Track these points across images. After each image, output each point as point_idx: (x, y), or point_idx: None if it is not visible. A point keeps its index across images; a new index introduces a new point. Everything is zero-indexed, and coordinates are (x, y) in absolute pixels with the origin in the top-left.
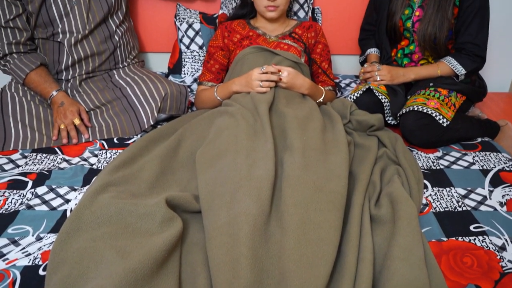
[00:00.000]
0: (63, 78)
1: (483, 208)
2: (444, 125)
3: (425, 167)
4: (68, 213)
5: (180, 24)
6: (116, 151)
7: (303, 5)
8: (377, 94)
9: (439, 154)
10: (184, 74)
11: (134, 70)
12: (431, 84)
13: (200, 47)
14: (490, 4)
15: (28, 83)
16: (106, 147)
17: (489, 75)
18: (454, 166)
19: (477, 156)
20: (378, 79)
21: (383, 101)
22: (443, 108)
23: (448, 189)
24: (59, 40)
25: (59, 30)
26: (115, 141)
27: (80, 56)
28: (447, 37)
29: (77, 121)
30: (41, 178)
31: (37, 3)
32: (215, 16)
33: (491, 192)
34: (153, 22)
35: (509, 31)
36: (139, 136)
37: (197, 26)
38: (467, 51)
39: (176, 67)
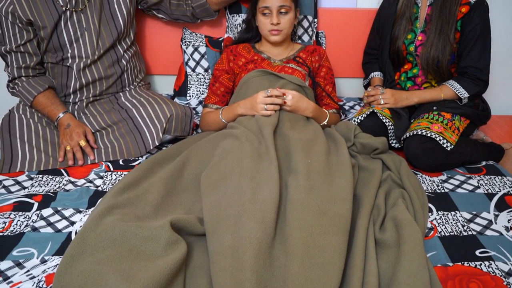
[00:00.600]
0: (70, 101)
1: (488, 232)
2: (448, 149)
3: (430, 191)
4: (73, 236)
5: (186, 47)
6: (121, 173)
7: (307, 29)
8: (381, 118)
9: (443, 177)
10: (190, 96)
11: (140, 92)
12: (434, 108)
13: (206, 70)
14: (492, 28)
15: (36, 105)
16: (112, 169)
17: (492, 98)
18: (459, 190)
19: (482, 179)
20: (382, 102)
21: (387, 124)
22: (447, 132)
23: (453, 213)
24: (68, 64)
25: (69, 55)
26: (121, 163)
27: (88, 80)
28: (449, 61)
29: (83, 143)
30: (46, 200)
31: (49, 29)
32: (220, 39)
33: (496, 216)
34: (159, 45)
35: None
36: (144, 158)
37: (202, 49)
38: (470, 75)
39: (181, 90)
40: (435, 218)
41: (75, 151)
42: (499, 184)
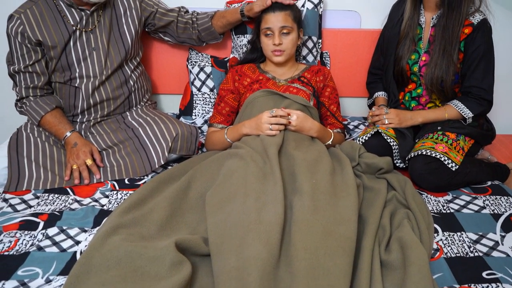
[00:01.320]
0: (78, 120)
1: (495, 254)
2: (453, 169)
3: (435, 211)
4: (78, 255)
5: (192, 67)
6: (126, 192)
7: (312, 49)
8: (385, 137)
9: (449, 197)
10: (195, 115)
11: (146, 111)
12: (439, 128)
13: (211, 90)
14: (495, 48)
15: (43, 125)
16: (117, 188)
17: (497, 117)
18: (465, 210)
19: (488, 200)
20: (386, 122)
21: (391, 144)
22: (452, 152)
23: (459, 233)
24: (76, 85)
25: (77, 74)
26: (126, 182)
27: (96, 101)
28: (453, 81)
29: (89, 162)
30: (52, 219)
31: (59, 48)
32: (226, 60)
33: (503, 237)
34: (166, 65)
35: None
36: (149, 177)
37: (208, 69)
38: (474, 95)
39: (187, 109)
40: (441, 239)
41: (81, 170)
42: (505, 205)
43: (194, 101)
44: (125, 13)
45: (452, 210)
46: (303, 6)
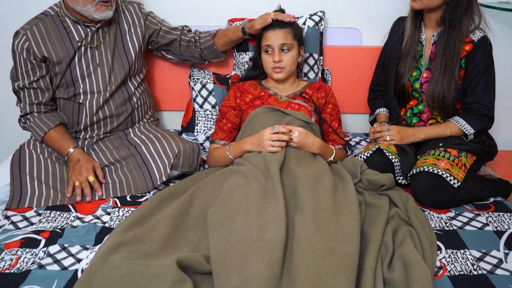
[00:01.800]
0: (81, 137)
1: (499, 272)
2: (455, 186)
3: (438, 228)
4: (79, 273)
5: (194, 84)
6: (128, 209)
7: (313, 66)
8: (387, 154)
9: (451, 214)
10: (197, 132)
11: (148, 128)
12: (440, 145)
13: (213, 106)
14: (496, 64)
15: (47, 141)
16: (119, 205)
17: (499, 133)
18: (468, 227)
19: (491, 216)
20: (388, 139)
21: (393, 161)
22: (454, 169)
23: (462, 251)
24: (80, 101)
25: (81, 90)
26: (128, 199)
27: (99, 117)
28: (455, 97)
29: (91, 178)
30: (53, 237)
31: (64, 64)
32: (228, 76)
33: (506, 255)
34: (168, 82)
35: None
36: (151, 193)
37: (210, 86)
38: (475, 111)
39: (189, 125)
40: (444, 257)
41: (83, 186)
42: (508, 221)
43: (196, 118)
44: (129, 30)
45: (455, 227)
46: (304, 24)
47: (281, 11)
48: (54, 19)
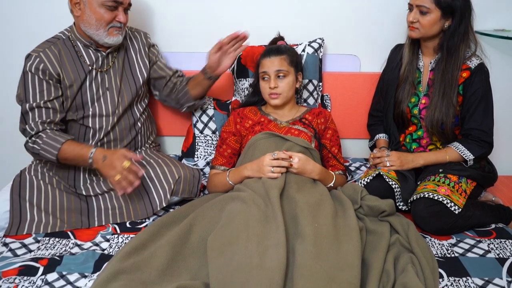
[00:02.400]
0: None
1: None
2: (456, 212)
3: (440, 255)
4: None
5: (195, 110)
6: (128, 235)
7: (313, 92)
8: (387, 180)
9: (453, 241)
10: (197, 157)
11: (150, 153)
12: (440, 170)
13: (213, 132)
14: (494, 89)
15: (63, 152)
16: (118, 231)
17: (498, 159)
18: (469, 254)
19: (492, 243)
20: (388, 164)
21: (393, 186)
22: (454, 195)
23: (464, 279)
24: (87, 124)
25: (90, 113)
26: (128, 225)
27: (103, 141)
28: (453, 123)
29: (127, 164)
30: (52, 264)
31: (75, 88)
32: (228, 102)
33: (509, 283)
34: (169, 108)
35: None
36: (151, 220)
37: (211, 111)
38: (474, 137)
39: (189, 151)
40: (446, 285)
41: (125, 176)
42: (510, 248)
43: (196, 143)
44: (136, 57)
45: (456, 254)
46: (303, 50)
47: (280, 38)
48: (65, 42)
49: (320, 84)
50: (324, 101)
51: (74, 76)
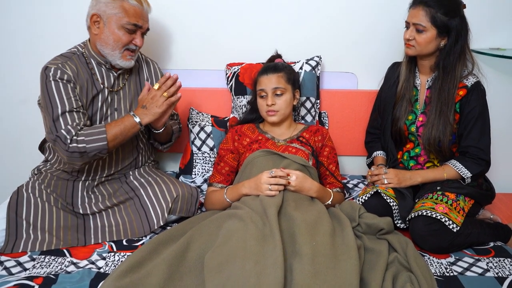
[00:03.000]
0: (82, 178)
1: None
2: (454, 230)
3: (438, 274)
4: None
5: (193, 127)
6: (124, 253)
7: (310, 110)
8: (385, 198)
9: (451, 259)
10: (195, 174)
11: (148, 171)
12: (438, 188)
13: (211, 149)
14: (490, 108)
15: (111, 134)
16: (115, 249)
17: (496, 176)
18: (468, 273)
19: (491, 262)
20: (386, 182)
21: (391, 204)
22: (452, 213)
23: None
24: None
25: None
26: (124, 243)
27: (105, 159)
28: (450, 141)
29: (165, 94)
30: (47, 283)
31: (86, 104)
32: (226, 119)
33: None
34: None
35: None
36: (148, 237)
37: (208, 128)
38: (471, 155)
39: (187, 168)
40: None
41: (169, 94)
42: (509, 267)
43: (194, 160)
44: (148, 81)
45: (455, 273)
46: (301, 68)
47: (278, 56)
48: (80, 58)
49: (318, 101)
50: (322, 119)
51: (87, 93)
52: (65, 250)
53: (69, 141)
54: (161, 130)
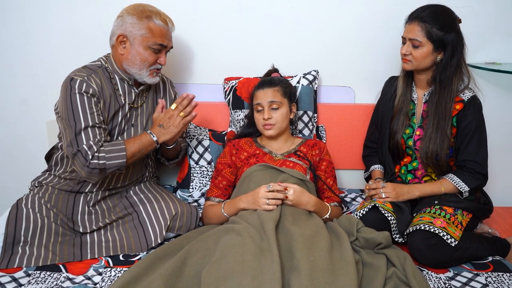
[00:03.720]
0: (86, 190)
1: None
2: (453, 245)
3: None
4: None
5: (190, 141)
6: (121, 269)
7: (308, 123)
8: (383, 212)
9: (450, 274)
10: (192, 188)
11: (149, 187)
12: (436, 202)
13: (209, 163)
14: (488, 121)
15: (130, 151)
16: (111, 264)
17: (493, 190)
18: None
19: (490, 276)
20: (383, 196)
21: (389, 218)
22: (450, 227)
23: None
24: None
25: None
26: (121, 258)
27: (115, 173)
28: (448, 155)
29: (182, 114)
30: None
31: (108, 118)
32: (223, 133)
33: None
34: None
35: (509, 146)
36: (144, 252)
37: (206, 142)
38: (469, 169)
39: (184, 182)
40: None
41: (186, 113)
42: (508, 282)
43: (191, 174)
44: (163, 99)
45: None
46: (298, 82)
47: (275, 70)
48: (104, 72)
49: (315, 115)
50: (319, 132)
51: (110, 108)
52: (61, 266)
53: (90, 157)
54: (171, 146)
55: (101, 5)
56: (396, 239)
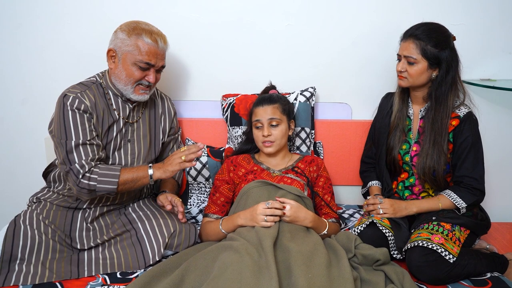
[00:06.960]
0: (84, 206)
1: None
2: (451, 261)
3: None
4: None
5: None
6: (118, 287)
7: (305, 140)
8: (381, 228)
9: None
10: (190, 205)
11: (147, 203)
12: (433, 218)
13: (207, 179)
14: (483, 138)
15: (123, 179)
16: (108, 282)
17: (491, 206)
18: None
19: None
20: (381, 212)
21: (387, 235)
22: (448, 243)
23: None
24: None
25: (109, 162)
26: (118, 275)
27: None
28: (445, 171)
29: (183, 157)
30: None
31: (102, 133)
32: (221, 149)
33: None
34: None
35: (506, 162)
36: (142, 270)
37: (204, 159)
38: (466, 184)
39: (182, 198)
40: None
41: (185, 160)
42: None
43: (189, 191)
44: (162, 117)
45: None
46: (295, 99)
47: (272, 87)
48: (98, 88)
49: (313, 131)
50: (317, 149)
51: (103, 122)
52: (57, 283)
53: (81, 176)
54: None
55: (98, 22)
56: (394, 255)
